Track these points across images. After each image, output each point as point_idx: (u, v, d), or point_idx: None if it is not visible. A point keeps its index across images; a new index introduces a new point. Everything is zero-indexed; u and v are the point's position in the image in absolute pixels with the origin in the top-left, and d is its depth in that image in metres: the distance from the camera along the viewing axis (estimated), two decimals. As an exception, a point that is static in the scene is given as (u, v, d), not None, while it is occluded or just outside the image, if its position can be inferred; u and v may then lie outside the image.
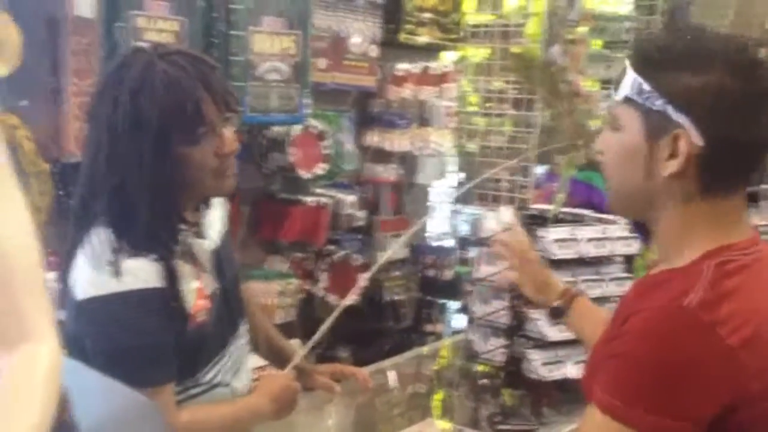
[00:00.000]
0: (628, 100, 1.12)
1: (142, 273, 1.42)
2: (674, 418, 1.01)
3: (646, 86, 1.08)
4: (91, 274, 1.41)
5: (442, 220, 3.54)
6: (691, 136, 1.07)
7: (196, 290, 1.52)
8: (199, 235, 1.57)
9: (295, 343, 2.59)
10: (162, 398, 1.44)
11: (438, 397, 2.45)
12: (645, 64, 1.10)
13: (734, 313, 1.03)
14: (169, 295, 1.44)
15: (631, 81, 1.11)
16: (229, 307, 1.64)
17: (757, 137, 1.09)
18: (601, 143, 1.20)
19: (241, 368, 1.66)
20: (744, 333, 1.02)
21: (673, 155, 1.08)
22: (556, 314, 1.70)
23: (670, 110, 1.07)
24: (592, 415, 1.06)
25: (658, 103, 1.08)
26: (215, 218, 1.66)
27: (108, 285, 1.40)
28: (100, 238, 1.44)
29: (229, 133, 1.50)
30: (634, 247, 2.17)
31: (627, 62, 1.13)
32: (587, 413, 1.09)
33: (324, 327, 1.79)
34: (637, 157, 1.12)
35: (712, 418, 1.02)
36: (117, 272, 1.40)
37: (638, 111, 1.10)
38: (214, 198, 1.64)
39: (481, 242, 2.17)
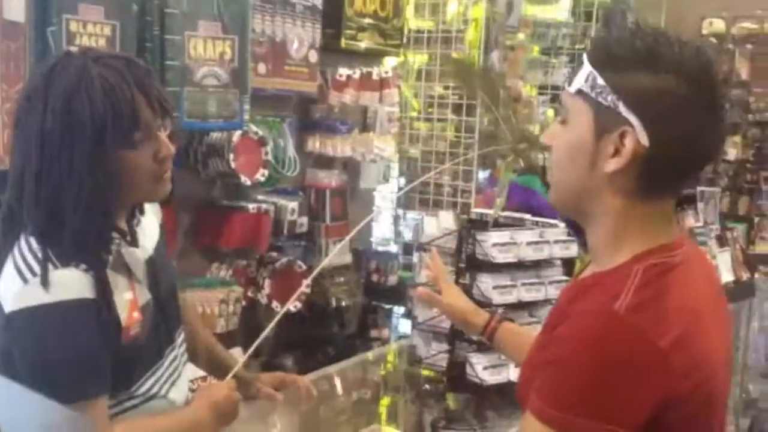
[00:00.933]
0: (580, 92, 1.11)
1: (72, 283, 1.37)
2: (608, 421, 1.01)
3: (600, 81, 1.08)
4: (19, 285, 1.36)
5: (385, 226, 3.55)
6: (638, 135, 1.07)
7: (129, 302, 1.48)
8: (133, 243, 1.54)
9: (237, 351, 2.55)
10: (94, 412, 1.39)
11: (384, 403, 2.44)
12: (602, 59, 1.10)
13: (663, 315, 1.04)
14: (100, 306, 1.40)
15: (586, 74, 1.10)
16: (165, 318, 1.60)
17: (699, 145, 1.10)
18: (548, 136, 1.20)
19: (178, 379, 1.62)
20: (673, 334, 1.03)
21: (617, 152, 1.09)
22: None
23: (621, 107, 1.07)
24: (530, 423, 1.06)
25: (610, 99, 1.08)
26: (150, 226, 1.62)
27: (37, 296, 1.35)
28: (28, 248, 1.39)
29: (165, 136, 1.47)
30: (572, 250, 2.19)
31: (584, 56, 1.13)
32: (524, 422, 1.09)
33: (264, 333, 1.77)
34: (583, 151, 1.12)
35: (646, 419, 1.03)
36: (46, 283, 1.35)
37: (589, 105, 1.10)
38: (149, 203, 1.61)
39: (422, 247, 2.18)
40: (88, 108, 1.35)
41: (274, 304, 2.75)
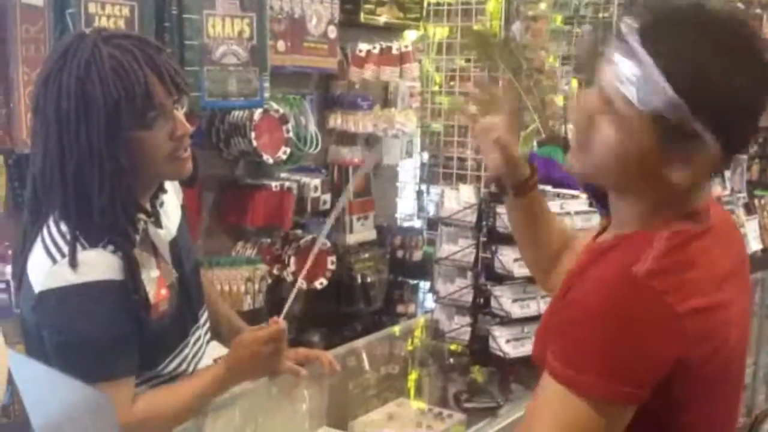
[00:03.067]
0: (654, 112, 1.03)
1: (100, 264, 1.40)
2: (624, 383, 1.02)
3: (685, 107, 1.01)
4: (49, 267, 1.39)
5: (409, 201, 3.55)
6: (712, 151, 1.03)
7: (157, 280, 1.50)
8: (157, 224, 1.55)
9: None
10: (121, 391, 1.41)
11: (412, 377, 2.45)
12: (688, 79, 1.01)
13: (682, 283, 1.04)
14: (129, 286, 1.42)
15: (668, 99, 1.01)
16: (189, 297, 1.62)
17: (756, 128, 1.10)
18: (586, 112, 1.11)
19: (203, 357, 1.65)
20: (691, 302, 1.03)
21: (685, 162, 1.04)
22: (502, 191, 1.52)
23: (700, 128, 1.02)
24: (548, 384, 1.07)
25: (695, 125, 1.02)
26: (171, 208, 1.64)
27: (66, 276, 1.37)
28: (55, 230, 1.41)
29: (180, 114, 1.48)
30: (593, 221, 2.17)
31: (656, 70, 1.01)
32: (542, 383, 1.09)
33: (289, 301, 1.76)
34: (641, 158, 1.07)
35: (658, 382, 1.03)
36: (74, 263, 1.37)
37: (661, 124, 1.03)
38: (170, 180, 1.62)
39: (443, 221, 2.17)
40: (101, 90, 1.36)
41: (300, 281, 2.77)
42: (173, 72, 1.45)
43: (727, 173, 2.89)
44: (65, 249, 1.39)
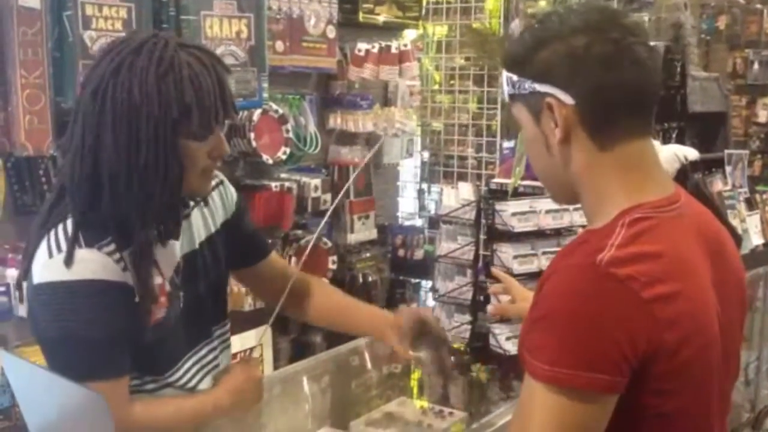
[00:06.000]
0: (511, 97, 1.21)
1: (93, 263, 1.37)
2: (601, 371, 1.02)
3: (514, 77, 1.19)
4: (45, 259, 1.38)
5: (410, 200, 3.55)
6: (561, 99, 1.13)
7: (158, 287, 1.48)
8: (174, 236, 1.53)
9: (263, 329, 2.57)
10: (109, 392, 1.36)
11: (415, 377, 2.45)
12: (510, 61, 1.21)
13: (648, 272, 1.05)
14: (125, 288, 1.41)
15: (505, 79, 1.21)
16: (200, 311, 1.60)
17: (622, 80, 1.13)
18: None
19: (210, 374, 1.63)
20: (658, 287, 1.04)
21: (555, 124, 1.15)
22: None
23: (537, 86, 1.16)
24: (528, 383, 1.07)
25: (527, 86, 1.17)
26: (199, 221, 1.61)
27: (58, 272, 1.36)
28: (63, 228, 1.40)
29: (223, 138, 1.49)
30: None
31: (502, 69, 1.24)
32: (524, 382, 1.09)
33: (280, 303, 1.75)
34: (537, 142, 1.19)
35: (634, 369, 1.04)
36: (69, 261, 1.37)
37: (520, 102, 1.19)
38: (190, 198, 1.59)
39: (442, 219, 2.17)
40: (175, 91, 1.35)
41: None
42: (232, 95, 1.46)
43: (728, 168, 2.88)
44: (64, 245, 1.38)
